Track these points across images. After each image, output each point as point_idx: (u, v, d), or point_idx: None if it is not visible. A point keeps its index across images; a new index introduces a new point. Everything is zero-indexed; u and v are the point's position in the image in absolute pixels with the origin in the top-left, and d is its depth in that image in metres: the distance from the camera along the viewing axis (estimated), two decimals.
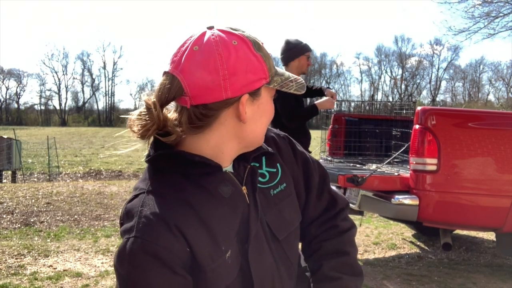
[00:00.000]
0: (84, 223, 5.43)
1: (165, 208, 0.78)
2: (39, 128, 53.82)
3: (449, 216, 3.19)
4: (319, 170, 1.05)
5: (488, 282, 3.44)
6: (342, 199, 1.07)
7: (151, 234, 0.75)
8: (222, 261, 0.81)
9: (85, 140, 29.95)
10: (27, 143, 21.62)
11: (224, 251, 0.82)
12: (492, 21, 11.94)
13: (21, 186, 8.12)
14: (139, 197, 0.81)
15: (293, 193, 0.97)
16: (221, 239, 0.82)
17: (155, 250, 0.74)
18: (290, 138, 1.04)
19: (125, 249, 0.75)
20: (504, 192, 3.13)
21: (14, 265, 3.59)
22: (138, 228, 0.75)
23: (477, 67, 66.04)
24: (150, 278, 0.74)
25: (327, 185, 1.06)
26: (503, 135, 3.16)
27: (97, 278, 3.33)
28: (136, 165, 15.87)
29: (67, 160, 17.26)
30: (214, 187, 0.84)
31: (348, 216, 1.08)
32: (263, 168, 0.95)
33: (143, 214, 0.77)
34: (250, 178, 0.90)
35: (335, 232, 1.03)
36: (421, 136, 3.10)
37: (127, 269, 0.75)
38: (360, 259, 3.98)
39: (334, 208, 1.05)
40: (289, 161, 1.00)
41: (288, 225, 0.95)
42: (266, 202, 0.92)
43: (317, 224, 1.05)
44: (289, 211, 0.95)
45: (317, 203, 1.04)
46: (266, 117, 0.89)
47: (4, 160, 12.58)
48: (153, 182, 0.83)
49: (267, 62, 0.84)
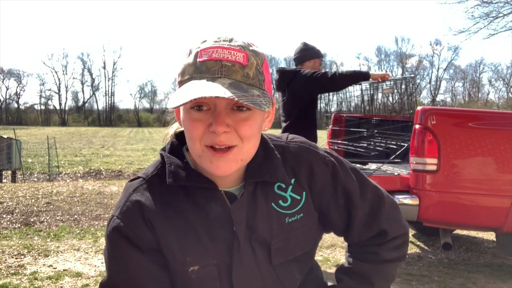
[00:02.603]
0: (84, 223, 5.43)
1: (148, 203, 0.85)
2: (39, 128, 53.84)
3: (449, 216, 3.19)
4: (372, 201, 0.98)
5: (488, 282, 3.44)
6: (397, 229, 1.00)
7: (127, 218, 0.85)
8: (184, 271, 0.85)
9: (85, 140, 29.93)
10: (27, 143, 21.63)
11: (189, 263, 0.85)
12: (492, 21, 11.94)
13: (21, 186, 8.12)
14: (139, 180, 0.90)
15: (308, 225, 0.94)
16: (189, 251, 0.85)
17: (126, 232, 0.84)
18: (335, 166, 0.95)
19: (108, 225, 0.87)
20: (504, 192, 3.13)
21: (14, 265, 3.59)
22: (121, 210, 0.86)
23: (477, 67, 66.16)
24: (121, 254, 0.84)
25: (379, 217, 0.98)
26: (503, 135, 3.16)
27: (97, 278, 3.33)
28: (136, 165, 15.86)
29: (67, 160, 17.24)
30: (204, 202, 0.86)
31: (401, 244, 1.01)
32: (287, 192, 0.92)
33: (129, 198, 0.87)
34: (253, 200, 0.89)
35: (372, 259, 0.99)
36: (421, 136, 3.10)
37: (107, 243, 0.87)
38: None
39: (382, 238, 0.99)
40: (322, 190, 0.94)
41: (287, 254, 0.92)
42: (278, 228, 0.90)
43: (360, 246, 1.02)
44: (297, 242, 0.93)
45: (362, 232, 0.99)
46: (184, 129, 0.83)
47: (4, 160, 12.57)
48: (154, 174, 0.90)
49: (179, 70, 0.82)
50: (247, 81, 0.78)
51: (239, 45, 0.80)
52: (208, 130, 0.78)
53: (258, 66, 0.81)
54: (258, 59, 0.81)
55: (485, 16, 11.95)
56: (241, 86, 0.76)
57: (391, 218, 0.99)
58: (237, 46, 0.79)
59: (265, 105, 0.76)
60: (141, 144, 26.97)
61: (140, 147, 24.06)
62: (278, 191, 0.91)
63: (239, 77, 0.77)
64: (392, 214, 1.00)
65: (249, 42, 0.83)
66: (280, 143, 0.95)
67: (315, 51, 3.66)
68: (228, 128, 0.78)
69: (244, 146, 0.81)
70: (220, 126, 0.76)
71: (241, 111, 0.79)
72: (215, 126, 0.76)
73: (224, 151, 0.79)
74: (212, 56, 0.77)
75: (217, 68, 0.77)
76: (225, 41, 0.80)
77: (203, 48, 0.79)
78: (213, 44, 0.79)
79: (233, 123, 0.78)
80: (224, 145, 0.78)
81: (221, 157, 0.79)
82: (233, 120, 0.78)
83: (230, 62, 0.77)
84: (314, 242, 0.99)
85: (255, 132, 0.82)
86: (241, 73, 0.78)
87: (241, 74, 0.78)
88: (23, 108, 76.51)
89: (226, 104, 0.78)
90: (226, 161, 0.80)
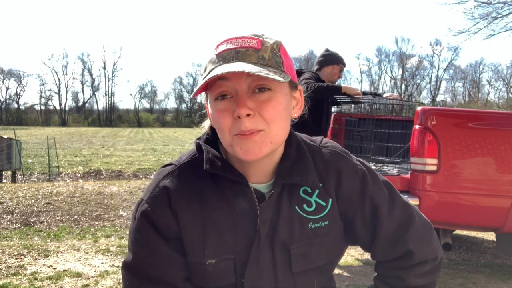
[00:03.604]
0: (84, 223, 5.44)
1: (176, 191, 0.87)
2: (39, 128, 53.85)
3: (449, 216, 3.19)
4: (400, 218, 0.93)
5: (488, 282, 3.44)
6: (425, 252, 0.94)
7: (155, 204, 0.86)
8: (202, 263, 0.86)
9: (85, 140, 29.95)
10: (27, 143, 21.64)
11: (207, 255, 0.85)
12: (491, 22, 11.95)
13: (21, 186, 8.12)
14: (170, 167, 0.91)
15: (332, 234, 0.91)
16: (209, 244, 0.85)
17: (152, 217, 0.86)
18: (365, 175, 0.92)
19: (137, 208, 0.89)
20: (504, 192, 3.13)
21: (14, 265, 3.59)
22: (150, 194, 0.88)
23: (477, 68, 66.14)
24: (146, 238, 0.86)
25: (406, 236, 0.92)
26: (503, 135, 3.16)
27: (97, 278, 3.33)
28: (136, 165, 15.86)
29: (67, 160, 17.25)
30: (233, 196, 0.86)
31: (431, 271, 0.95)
32: (313, 197, 0.90)
33: (159, 184, 0.88)
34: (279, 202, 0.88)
35: (397, 285, 0.95)
36: (421, 136, 3.10)
37: (134, 225, 0.89)
38: (360, 259, 3.99)
39: (408, 261, 0.94)
40: (349, 198, 0.92)
41: (309, 262, 0.90)
42: (300, 232, 0.88)
43: (385, 267, 0.98)
44: (319, 250, 0.90)
45: (387, 250, 0.95)
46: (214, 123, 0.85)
47: (4, 160, 12.57)
48: (187, 162, 0.91)
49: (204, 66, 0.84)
50: (263, 62, 0.78)
51: (253, 34, 0.82)
52: (234, 119, 0.78)
53: (274, 49, 0.81)
54: (274, 44, 0.82)
55: (485, 16, 11.97)
56: (256, 67, 0.76)
57: (420, 239, 0.94)
58: (250, 35, 0.81)
59: (281, 78, 0.76)
60: (141, 144, 26.98)
61: (140, 147, 24.06)
62: (303, 195, 0.90)
63: (254, 60, 0.78)
64: (422, 235, 0.94)
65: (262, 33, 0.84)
66: (313, 146, 0.94)
67: (335, 57, 3.75)
68: (251, 111, 0.78)
69: (272, 129, 0.80)
70: (242, 108, 0.77)
71: (262, 92, 0.79)
72: (238, 109, 0.77)
73: (250, 134, 0.79)
74: (227, 47, 0.80)
75: (232, 55, 0.78)
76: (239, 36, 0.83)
77: (219, 43, 0.82)
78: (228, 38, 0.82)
79: (255, 105, 0.78)
80: (250, 130, 0.78)
81: (248, 139, 0.78)
82: (255, 102, 0.78)
83: (244, 48, 0.79)
84: (338, 253, 0.96)
85: (280, 113, 0.81)
86: (256, 56, 0.79)
87: (255, 57, 0.78)
88: (23, 108, 76.63)
89: (246, 88, 0.79)
90: (255, 143, 0.79)
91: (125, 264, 0.89)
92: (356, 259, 4.02)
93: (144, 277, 0.86)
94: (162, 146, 25.83)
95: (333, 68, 3.73)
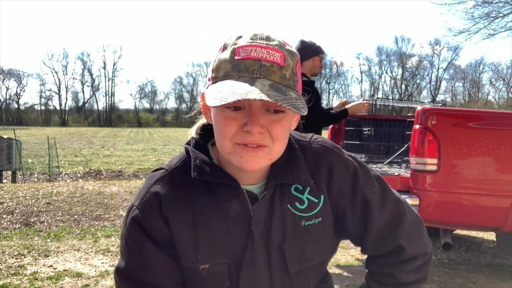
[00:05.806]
0: (84, 223, 5.44)
1: (167, 196, 0.86)
2: (39, 128, 53.87)
3: (449, 216, 3.19)
4: (391, 214, 0.93)
5: (488, 282, 3.44)
6: (416, 247, 0.95)
7: (145, 210, 0.86)
8: (195, 269, 0.86)
9: (85, 140, 29.95)
10: (27, 143, 21.65)
11: (200, 260, 0.85)
12: (492, 21, 11.95)
13: (21, 186, 8.12)
14: (161, 172, 0.90)
15: (326, 230, 0.91)
16: (202, 249, 0.85)
17: (143, 223, 0.85)
18: (357, 170, 0.92)
19: (128, 214, 0.88)
20: (504, 192, 3.13)
21: (14, 265, 3.59)
22: (141, 200, 0.87)
23: (477, 67, 66.15)
24: (138, 244, 0.86)
25: (397, 232, 0.93)
26: (503, 135, 3.16)
27: (97, 278, 3.33)
28: (136, 165, 15.86)
29: (67, 160, 17.25)
30: (225, 199, 0.86)
31: (421, 266, 0.96)
32: (304, 194, 0.90)
33: (150, 190, 0.87)
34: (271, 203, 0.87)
35: (390, 282, 0.96)
36: (421, 136, 3.10)
37: (125, 231, 0.88)
38: (360, 259, 3.98)
39: (399, 256, 0.94)
40: (340, 193, 0.91)
41: (305, 261, 0.90)
42: (292, 231, 0.88)
43: (377, 263, 0.98)
44: (314, 247, 0.90)
45: (378, 245, 0.95)
46: (216, 126, 0.83)
47: (4, 160, 12.58)
48: (178, 167, 0.90)
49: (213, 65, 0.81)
50: (284, 82, 0.78)
51: (276, 45, 0.79)
52: (241, 130, 0.78)
53: (293, 67, 0.80)
54: (294, 60, 0.81)
55: (485, 16, 11.95)
56: (280, 88, 0.76)
57: (411, 235, 0.94)
58: (275, 46, 0.79)
59: (303, 108, 0.76)
60: (141, 144, 26.98)
61: (140, 147, 24.07)
62: (295, 193, 0.89)
63: (277, 78, 0.77)
64: (412, 230, 0.95)
65: (283, 41, 0.82)
66: (303, 142, 0.93)
67: (313, 49, 3.50)
68: (262, 129, 0.78)
69: (275, 146, 0.81)
70: (255, 126, 0.77)
71: (276, 113, 0.79)
72: (251, 126, 0.76)
73: (256, 147, 0.79)
74: (251, 55, 0.77)
75: (256, 68, 0.76)
76: (261, 40, 0.79)
77: (240, 45, 0.78)
78: (250, 42, 0.79)
79: (266, 123, 0.78)
80: (257, 144, 0.79)
81: (252, 152, 0.79)
82: (267, 121, 0.78)
83: (268, 62, 0.77)
84: (332, 249, 0.96)
85: (286, 132, 0.83)
86: (279, 74, 0.77)
87: (279, 75, 0.77)
88: (23, 108, 76.68)
89: (261, 105, 0.78)
90: (257, 157, 0.80)
91: (118, 270, 0.89)
92: (356, 259, 4.02)
93: (137, 282, 0.86)
94: (162, 146, 25.83)
95: (313, 61, 3.50)
